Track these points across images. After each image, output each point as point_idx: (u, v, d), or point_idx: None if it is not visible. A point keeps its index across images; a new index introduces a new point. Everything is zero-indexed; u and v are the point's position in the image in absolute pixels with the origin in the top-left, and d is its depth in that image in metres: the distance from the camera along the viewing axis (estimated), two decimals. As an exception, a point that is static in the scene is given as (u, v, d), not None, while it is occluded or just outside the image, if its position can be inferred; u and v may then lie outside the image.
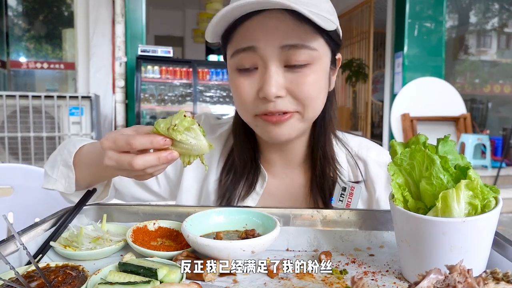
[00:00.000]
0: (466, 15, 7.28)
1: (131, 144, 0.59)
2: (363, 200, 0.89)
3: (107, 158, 0.62)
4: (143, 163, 0.60)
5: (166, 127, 0.60)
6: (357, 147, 0.91)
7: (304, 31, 0.70)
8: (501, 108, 7.61)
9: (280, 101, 0.72)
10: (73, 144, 0.82)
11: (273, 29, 0.69)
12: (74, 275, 0.54)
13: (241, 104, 0.76)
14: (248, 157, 0.87)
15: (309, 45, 0.71)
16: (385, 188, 0.87)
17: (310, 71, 0.72)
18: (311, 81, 0.72)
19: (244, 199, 0.87)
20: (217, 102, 5.24)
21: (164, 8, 8.99)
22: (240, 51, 0.72)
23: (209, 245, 0.58)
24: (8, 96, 3.96)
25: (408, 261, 0.57)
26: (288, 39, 0.69)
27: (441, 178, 0.54)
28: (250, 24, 0.71)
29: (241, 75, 0.74)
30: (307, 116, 0.76)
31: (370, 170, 0.88)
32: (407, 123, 5.52)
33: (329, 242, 0.69)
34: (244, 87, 0.73)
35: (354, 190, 0.84)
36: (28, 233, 0.66)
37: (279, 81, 0.71)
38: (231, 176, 0.88)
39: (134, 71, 4.96)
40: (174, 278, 0.53)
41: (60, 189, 0.80)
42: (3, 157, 3.95)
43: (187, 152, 0.62)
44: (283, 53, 0.70)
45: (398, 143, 0.60)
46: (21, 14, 6.58)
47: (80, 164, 0.80)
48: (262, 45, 0.70)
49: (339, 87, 9.41)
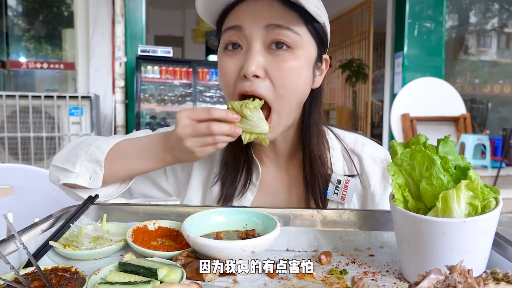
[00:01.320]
0: (466, 15, 7.28)
1: (211, 112, 0.70)
2: (358, 194, 0.90)
3: (181, 127, 0.71)
4: (219, 128, 0.69)
5: (239, 104, 0.71)
6: (353, 142, 0.93)
7: (290, 16, 0.74)
8: (501, 108, 7.61)
9: (257, 82, 0.74)
10: (105, 141, 0.84)
11: (261, 11, 0.73)
12: (69, 277, 0.54)
13: (224, 83, 0.79)
14: (239, 149, 0.88)
15: (293, 28, 0.74)
16: (380, 183, 0.89)
17: (291, 56, 0.74)
18: (290, 66, 0.74)
19: (242, 191, 0.89)
20: (217, 102, 5.24)
21: (164, 8, 8.99)
22: (227, 29, 0.76)
23: (209, 245, 0.58)
24: (8, 96, 3.96)
25: (408, 261, 0.57)
26: (273, 19, 0.73)
27: (441, 178, 0.54)
28: (240, 7, 0.75)
29: (226, 54, 0.77)
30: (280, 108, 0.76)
31: (365, 165, 0.90)
32: (407, 123, 5.52)
33: (329, 242, 0.69)
34: (228, 66, 0.76)
35: (349, 183, 0.86)
36: (28, 233, 0.66)
37: (260, 61, 0.73)
38: (228, 173, 0.90)
39: (134, 71, 4.95)
40: (174, 278, 0.53)
41: (84, 184, 0.81)
42: (3, 157, 3.95)
43: (250, 129, 0.72)
44: (267, 33, 0.73)
45: (398, 143, 0.60)
46: (21, 14, 6.58)
47: (117, 159, 0.82)
48: (248, 25, 0.74)
49: (339, 87, 9.38)
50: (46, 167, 3.87)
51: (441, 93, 5.69)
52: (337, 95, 8.88)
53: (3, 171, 1.30)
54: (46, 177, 1.32)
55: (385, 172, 0.88)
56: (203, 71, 5.22)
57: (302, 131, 0.87)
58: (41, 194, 1.27)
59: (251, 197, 0.89)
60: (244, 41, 0.75)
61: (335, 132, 0.94)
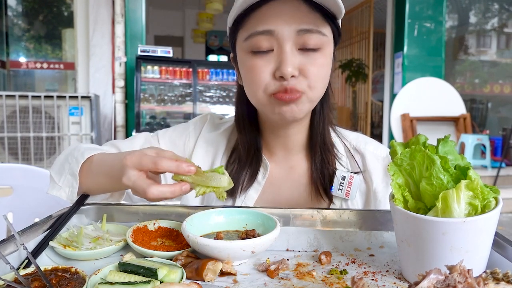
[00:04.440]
0: (466, 15, 7.28)
1: (157, 165, 0.61)
2: (362, 191, 0.92)
3: (126, 177, 0.63)
4: (158, 194, 0.61)
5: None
6: (355, 141, 0.96)
7: (316, 17, 0.77)
8: (501, 108, 7.61)
9: (293, 80, 0.77)
10: (82, 153, 0.83)
11: (290, 14, 0.76)
12: (69, 277, 0.54)
13: (257, 83, 0.79)
14: (252, 144, 0.91)
15: (321, 31, 0.77)
16: (382, 180, 0.91)
17: (320, 55, 0.78)
18: (321, 63, 0.79)
19: (247, 188, 0.90)
20: (217, 102, 5.24)
21: (164, 8, 8.99)
22: (256, 34, 0.77)
23: (209, 245, 0.58)
24: (8, 96, 3.96)
25: (408, 261, 0.57)
26: (303, 24, 0.76)
27: (441, 178, 0.54)
28: (267, 10, 0.76)
29: (256, 56, 0.79)
30: (312, 97, 0.80)
31: (368, 162, 0.93)
32: (407, 123, 5.52)
33: (329, 242, 0.69)
34: (260, 67, 0.78)
35: (353, 180, 0.88)
36: (28, 233, 0.66)
37: (294, 62, 0.76)
38: (236, 166, 0.91)
39: (133, 71, 4.95)
40: (174, 278, 0.53)
41: (63, 197, 0.82)
42: (3, 157, 3.95)
43: (204, 183, 0.63)
44: (298, 37, 0.76)
45: (398, 143, 0.60)
46: (21, 14, 6.57)
47: (89, 174, 0.81)
48: (280, 29, 0.76)
49: (339, 87, 9.39)
50: (46, 167, 3.87)
51: (441, 93, 5.69)
52: (337, 95, 8.87)
53: (3, 171, 1.30)
54: (46, 177, 1.32)
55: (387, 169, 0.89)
56: (203, 71, 5.22)
57: (314, 122, 0.90)
58: (41, 194, 1.27)
59: (255, 196, 0.90)
60: (275, 44, 0.77)
61: (338, 130, 0.97)
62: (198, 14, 8.26)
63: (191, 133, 0.98)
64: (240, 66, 0.84)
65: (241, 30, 0.80)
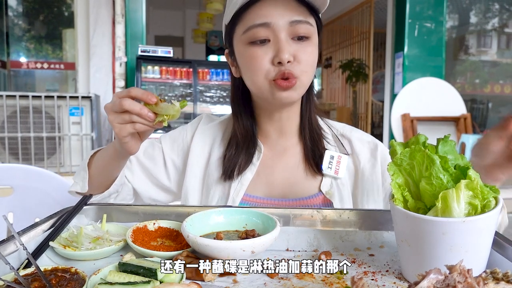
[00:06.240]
0: (466, 15, 7.27)
1: (130, 92, 0.76)
2: (350, 172, 1.01)
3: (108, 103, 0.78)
4: (129, 104, 0.74)
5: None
6: (342, 129, 1.08)
7: (304, 10, 0.89)
8: (502, 108, 7.60)
9: (289, 65, 0.87)
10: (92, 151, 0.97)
11: (283, 8, 0.87)
12: (68, 277, 0.54)
13: (258, 70, 0.89)
14: (248, 130, 1.00)
15: (309, 21, 0.89)
16: (368, 160, 1.01)
17: (309, 43, 0.89)
18: (310, 51, 0.90)
19: (244, 171, 0.98)
20: (217, 102, 5.23)
21: (164, 8, 8.98)
22: (254, 26, 0.87)
23: (209, 245, 0.58)
24: (8, 96, 3.96)
25: (408, 261, 0.57)
26: (294, 16, 0.87)
27: (441, 178, 0.54)
28: (262, 5, 0.87)
29: (254, 46, 0.88)
30: (304, 81, 0.90)
31: (354, 145, 1.03)
32: (407, 123, 5.51)
33: (329, 242, 0.69)
34: (260, 56, 0.88)
35: (341, 159, 0.99)
36: (28, 233, 0.66)
37: (290, 49, 0.87)
38: (233, 151, 1.00)
39: (134, 71, 4.95)
40: (174, 278, 0.53)
41: (78, 189, 0.93)
42: (3, 157, 3.95)
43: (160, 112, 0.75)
44: (290, 28, 0.87)
45: (398, 143, 0.60)
46: (21, 14, 6.57)
47: (95, 163, 0.94)
48: (275, 21, 0.86)
49: (340, 87, 9.38)
50: (46, 167, 3.87)
51: (442, 93, 5.68)
52: (337, 95, 8.87)
53: (3, 171, 1.30)
54: (46, 177, 1.32)
55: (373, 152, 1.02)
56: (203, 71, 5.22)
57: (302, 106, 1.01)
58: (41, 194, 1.27)
59: (250, 176, 0.99)
60: (271, 35, 0.87)
61: (325, 120, 1.09)
62: (199, 14, 8.26)
63: (188, 128, 1.09)
64: (239, 57, 0.93)
65: (239, 25, 0.90)
